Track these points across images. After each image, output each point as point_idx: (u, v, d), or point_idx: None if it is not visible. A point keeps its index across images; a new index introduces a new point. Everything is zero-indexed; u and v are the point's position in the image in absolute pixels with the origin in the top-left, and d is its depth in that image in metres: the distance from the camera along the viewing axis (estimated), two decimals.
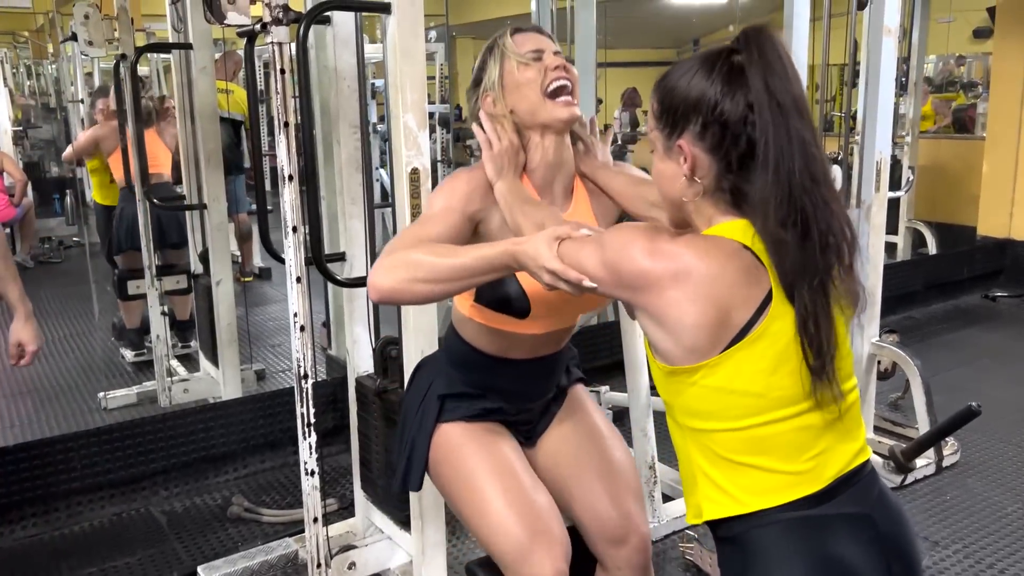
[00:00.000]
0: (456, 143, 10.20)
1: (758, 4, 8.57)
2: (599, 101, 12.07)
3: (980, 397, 3.92)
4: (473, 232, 1.52)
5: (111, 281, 4.68)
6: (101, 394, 3.89)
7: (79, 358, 4.70)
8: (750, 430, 1.16)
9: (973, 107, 7.97)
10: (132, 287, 4.25)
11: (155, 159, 4.18)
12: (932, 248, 6.02)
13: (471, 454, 1.62)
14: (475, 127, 1.58)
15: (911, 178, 5.58)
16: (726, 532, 1.21)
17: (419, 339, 2.20)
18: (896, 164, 6.18)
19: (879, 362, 3.39)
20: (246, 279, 5.82)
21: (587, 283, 1.21)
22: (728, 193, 1.17)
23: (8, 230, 7.07)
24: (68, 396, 4.08)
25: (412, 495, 2.29)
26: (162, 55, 6.06)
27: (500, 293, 1.53)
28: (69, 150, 4.72)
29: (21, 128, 9.75)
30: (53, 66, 11.50)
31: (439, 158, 7.43)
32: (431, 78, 7.64)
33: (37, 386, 4.24)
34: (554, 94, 1.53)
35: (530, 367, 1.66)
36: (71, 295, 5.85)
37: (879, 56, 3.08)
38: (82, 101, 7.59)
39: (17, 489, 2.84)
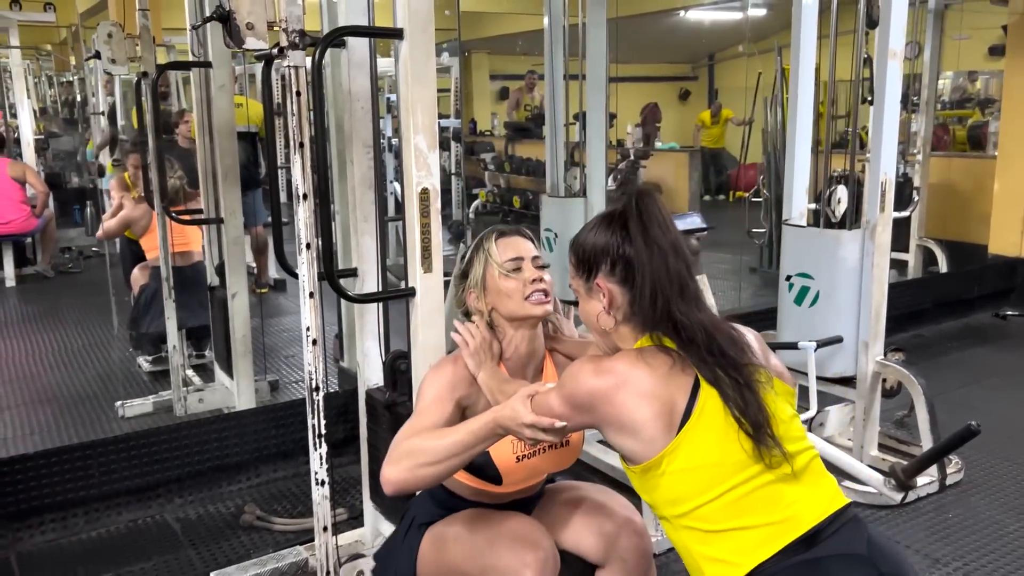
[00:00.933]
0: (469, 156, 10.29)
1: (768, 22, 8.63)
2: (612, 116, 12.10)
3: (987, 416, 3.96)
4: (461, 415, 1.68)
5: (129, 295, 4.79)
6: (119, 403, 3.97)
7: (98, 367, 4.79)
8: (722, 497, 1.29)
9: (987, 125, 7.98)
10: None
11: (183, 236, 4.21)
12: (943, 266, 6.03)
13: (452, 537, 1.76)
14: (453, 333, 1.79)
15: (917, 199, 5.60)
16: None
17: (428, 354, 2.26)
18: (907, 182, 6.22)
19: (884, 380, 3.42)
20: (262, 291, 5.91)
21: (558, 424, 1.40)
22: (636, 319, 1.43)
23: (30, 240, 7.21)
24: (87, 405, 4.16)
25: None
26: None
27: (474, 463, 1.67)
28: (100, 231, 4.81)
29: (43, 137, 9.92)
30: (75, 78, 11.71)
31: (453, 171, 7.53)
32: (445, 90, 7.74)
33: (57, 395, 4.33)
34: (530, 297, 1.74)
35: (509, 506, 1.81)
36: (90, 305, 5.96)
37: (884, 78, 3.13)
38: (103, 113, 7.75)
39: (37, 495, 2.91)
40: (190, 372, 4.34)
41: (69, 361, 4.95)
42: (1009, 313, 5.66)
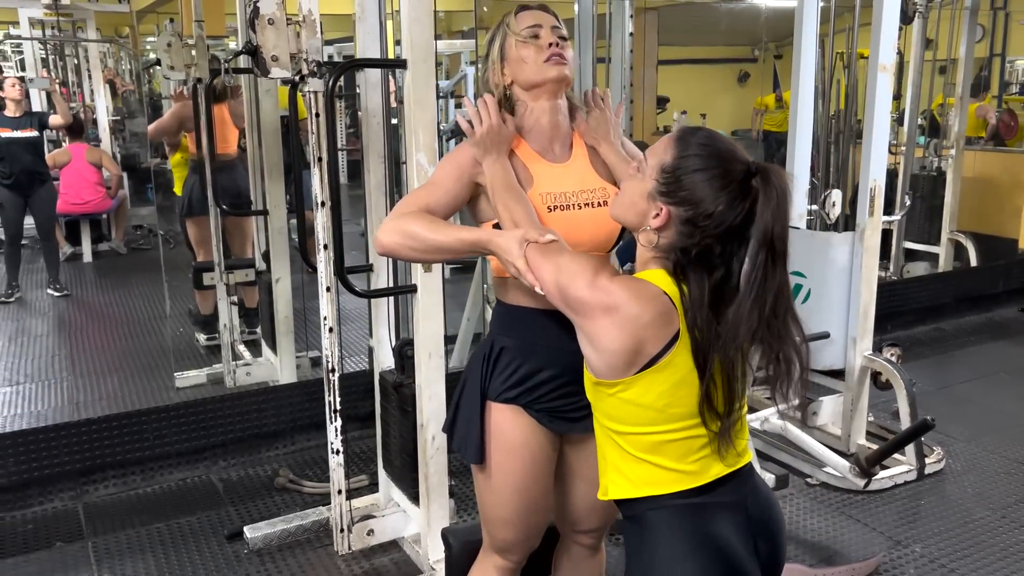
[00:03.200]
0: None
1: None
2: (664, 100, 12.14)
3: (984, 410, 4.15)
4: (475, 193, 1.76)
5: (189, 271, 5.22)
6: (176, 374, 4.41)
7: (160, 339, 5.26)
8: (650, 436, 1.47)
9: None
10: (207, 279, 4.75)
11: (222, 136, 4.57)
12: (973, 260, 6.09)
13: (514, 459, 1.81)
14: (458, 115, 1.81)
15: (907, 203, 5.67)
16: (628, 512, 1.55)
17: (428, 343, 2.59)
18: (940, 176, 6.30)
19: (879, 374, 3.61)
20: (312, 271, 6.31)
21: (538, 290, 1.50)
22: (669, 262, 1.43)
23: (105, 217, 7.75)
24: (149, 375, 4.61)
25: (420, 476, 2.69)
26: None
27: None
28: (153, 126, 5.23)
29: (119, 118, 10.46)
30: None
31: None
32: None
33: (122, 365, 4.80)
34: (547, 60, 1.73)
35: (560, 317, 1.59)
36: (158, 280, 6.43)
37: (875, 90, 3.31)
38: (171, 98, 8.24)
39: (100, 454, 3.34)
40: (241, 347, 4.75)
41: (135, 333, 5.43)
42: None
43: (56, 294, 6.22)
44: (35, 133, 6.32)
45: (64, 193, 7.18)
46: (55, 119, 6.81)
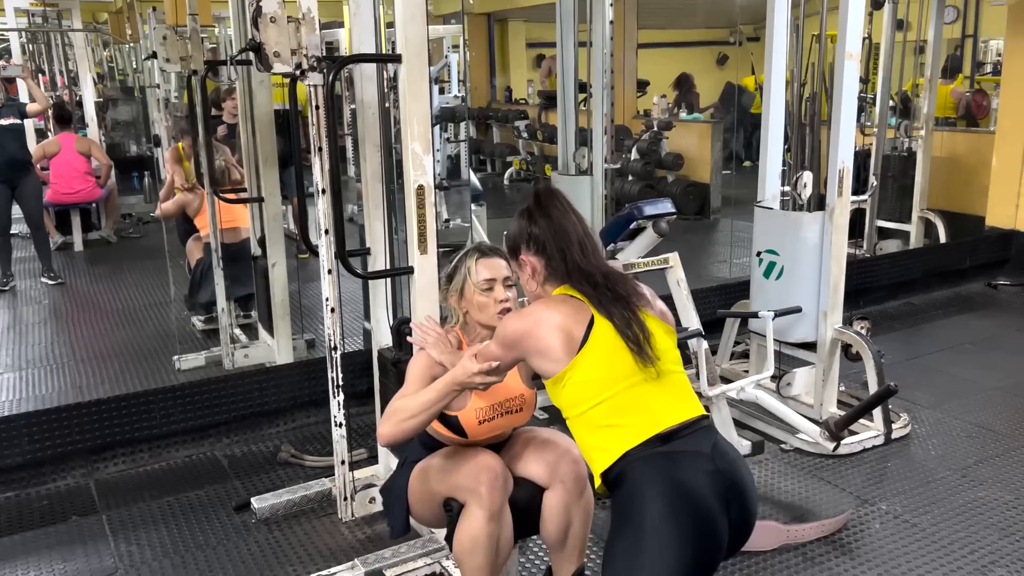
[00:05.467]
0: (504, 124, 10.65)
1: None
2: (644, 84, 12.25)
3: (949, 378, 4.38)
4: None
5: (184, 263, 5.37)
6: (175, 357, 4.56)
7: (157, 324, 5.40)
8: (606, 401, 1.78)
9: None
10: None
11: (231, 214, 4.73)
12: (942, 237, 6.31)
13: (431, 467, 2.26)
14: (410, 338, 2.31)
15: (875, 183, 5.89)
16: (612, 477, 1.79)
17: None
18: (911, 156, 6.51)
19: (850, 346, 3.81)
20: (303, 256, 6.45)
21: (495, 364, 1.89)
22: (553, 276, 1.93)
23: (94, 206, 7.85)
24: (149, 359, 4.76)
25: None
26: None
27: (449, 422, 2.20)
28: (159, 211, 5.40)
29: (103, 101, 10.46)
30: (131, 47, 12.32)
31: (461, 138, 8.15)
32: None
33: (122, 350, 4.94)
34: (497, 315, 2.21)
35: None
36: (149, 269, 6.59)
37: (842, 76, 3.49)
38: (158, 86, 8.32)
39: (110, 433, 3.49)
40: (237, 331, 4.90)
41: (131, 320, 5.57)
42: (1000, 283, 5.97)
43: (50, 283, 6.34)
44: (18, 121, 6.39)
45: (54, 183, 7.28)
46: (32, 107, 6.88)
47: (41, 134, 8.57)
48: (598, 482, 1.84)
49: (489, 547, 2.13)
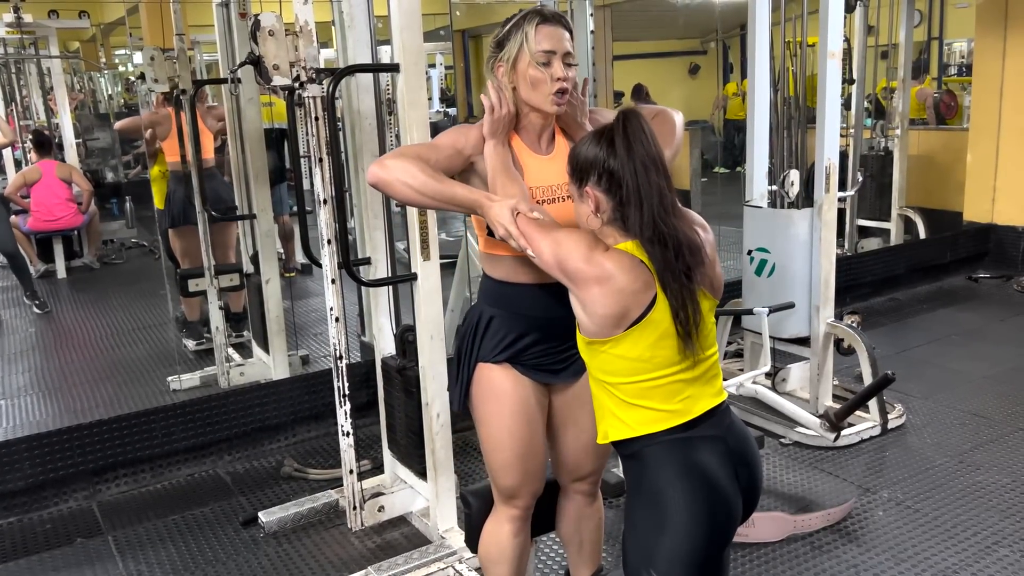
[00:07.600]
0: None
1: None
2: (619, 94, 12.41)
3: (938, 369, 4.45)
4: (464, 168, 1.94)
5: (174, 280, 5.34)
6: (171, 378, 4.53)
7: (148, 348, 5.37)
8: (640, 383, 1.72)
9: None
10: (192, 285, 4.87)
11: (203, 145, 4.67)
12: (922, 233, 6.42)
13: (504, 405, 2.03)
14: (483, 95, 1.93)
15: (860, 179, 6.00)
16: (626, 451, 1.79)
17: (429, 327, 2.78)
18: (888, 155, 6.63)
19: (842, 340, 3.87)
20: (290, 274, 6.46)
21: (530, 253, 1.73)
22: (620, 221, 1.72)
23: (76, 233, 7.79)
24: (143, 380, 4.74)
25: (427, 451, 2.88)
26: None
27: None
28: (122, 122, 5.35)
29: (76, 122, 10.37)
30: (104, 76, 12.28)
31: None
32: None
33: (114, 374, 4.91)
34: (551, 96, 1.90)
35: (543, 290, 1.95)
36: (135, 292, 6.56)
37: (825, 75, 3.57)
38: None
39: (111, 454, 3.47)
40: (230, 351, 4.89)
41: (122, 343, 5.53)
42: (980, 276, 6.08)
43: (37, 310, 6.28)
44: None
45: (36, 211, 7.22)
46: None
47: (17, 163, 8.50)
48: (604, 440, 1.79)
49: (515, 558, 2.16)
